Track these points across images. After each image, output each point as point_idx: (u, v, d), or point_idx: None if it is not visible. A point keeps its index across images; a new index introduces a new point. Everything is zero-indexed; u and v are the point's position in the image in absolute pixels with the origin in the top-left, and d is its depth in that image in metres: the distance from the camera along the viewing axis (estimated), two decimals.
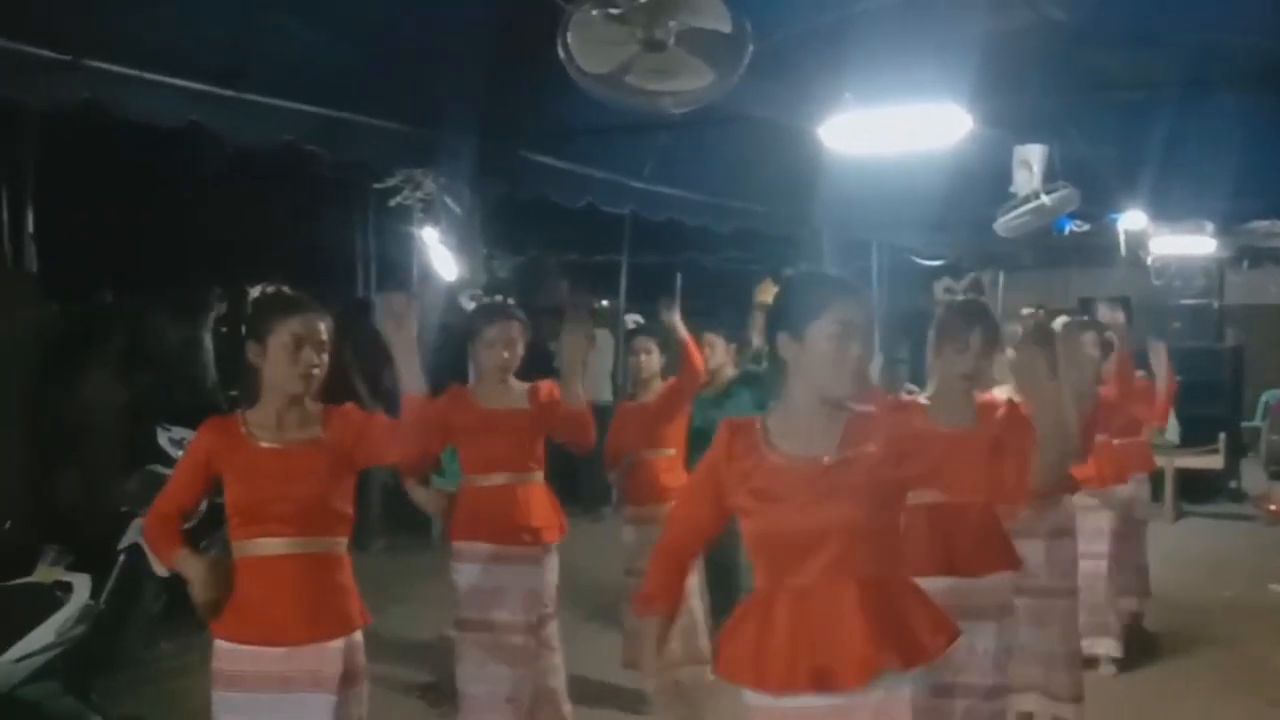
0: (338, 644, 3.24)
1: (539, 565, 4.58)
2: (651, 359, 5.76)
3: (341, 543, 3.35)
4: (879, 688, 2.55)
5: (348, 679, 3.25)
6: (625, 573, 5.67)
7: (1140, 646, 6.36)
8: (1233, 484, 11.62)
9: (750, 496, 2.66)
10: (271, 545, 3.22)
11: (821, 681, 2.55)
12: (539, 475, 4.68)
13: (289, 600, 3.20)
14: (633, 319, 4.99)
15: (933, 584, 3.43)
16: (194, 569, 3.22)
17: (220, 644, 3.26)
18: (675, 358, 5.60)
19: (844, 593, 2.57)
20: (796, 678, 2.56)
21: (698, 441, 5.40)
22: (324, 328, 3.31)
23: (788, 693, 2.58)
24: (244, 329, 3.37)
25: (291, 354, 3.23)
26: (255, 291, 3.45)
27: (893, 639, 2.56)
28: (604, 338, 11.04)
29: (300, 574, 3.23)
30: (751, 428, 2.72)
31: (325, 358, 3.31)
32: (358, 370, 7.98)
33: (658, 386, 5.75)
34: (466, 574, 4.55)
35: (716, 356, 6.03)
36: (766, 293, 7.53)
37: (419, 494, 4.78)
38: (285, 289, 3.40)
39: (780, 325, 2.67)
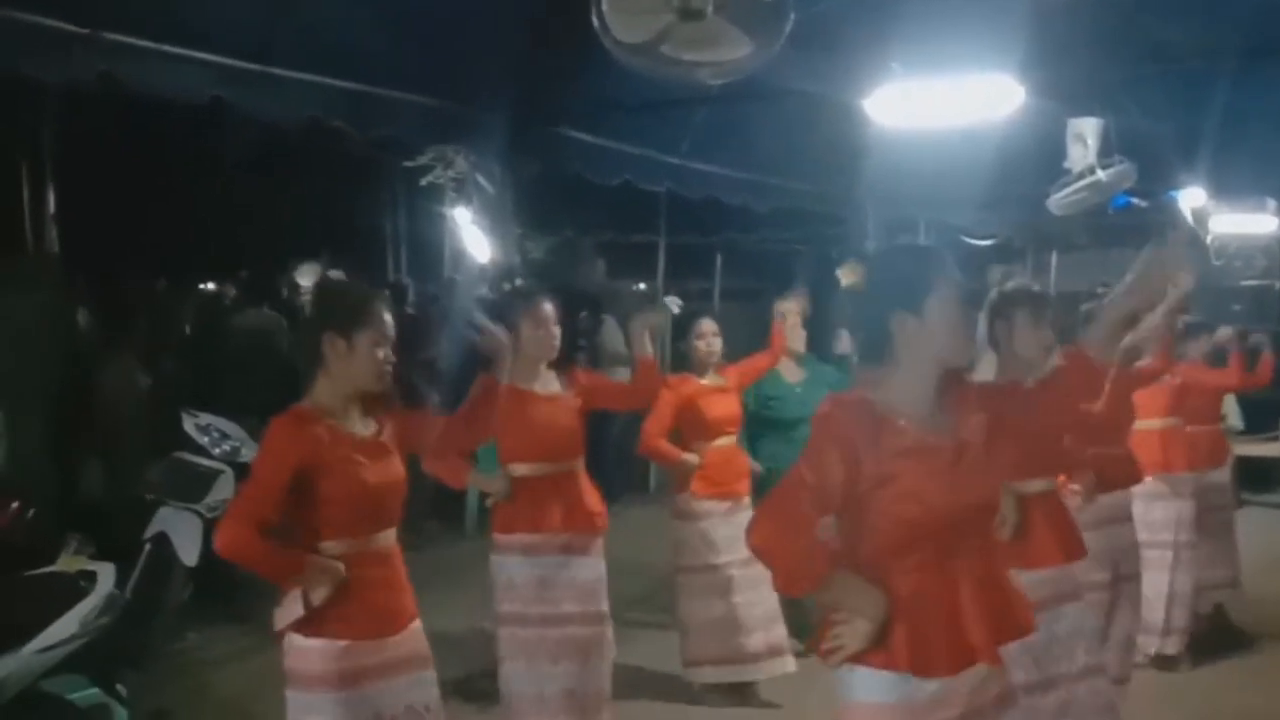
0: (419, 622, 3.36)
1: (597, 554, 4.49)
2: (718, 341, 5.57)
3: None
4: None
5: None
6: (677, 570, 5.56)
7: (1206, 639, 6.12)
8: None
9: (918, 477, 2.53)
10: (379, 538, 3.23)
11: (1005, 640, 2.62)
12: (582, 461, 4.55)
13: (401, 585, 3.29)
14: (674, 302, 4.83)
15: (1044, 574, 3.66)
16: (334, 574, 3.11)
17: (327, 644, 3.12)
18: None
19: (992, 560, 2.67)
20: (981, 648, 2.56)
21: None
22: (392, 322, 3.29)
23: (968, 667, 2.56)
24: (318, 318, 3.25)
25: (376, 353, 3.19)
26: (308, 277, 3.36)
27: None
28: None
29: (394, 560, 3.29)
30: (872, 407, 2.59)
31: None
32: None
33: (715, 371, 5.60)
34: (524, 567, 4.40)
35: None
36: (852, 274, 7.34)
37: (481, 480, 4.65)
38: (354, 278, 3.36)
39: (891, 303, 2.61)
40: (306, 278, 6.99)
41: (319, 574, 3.10)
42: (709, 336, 5.53)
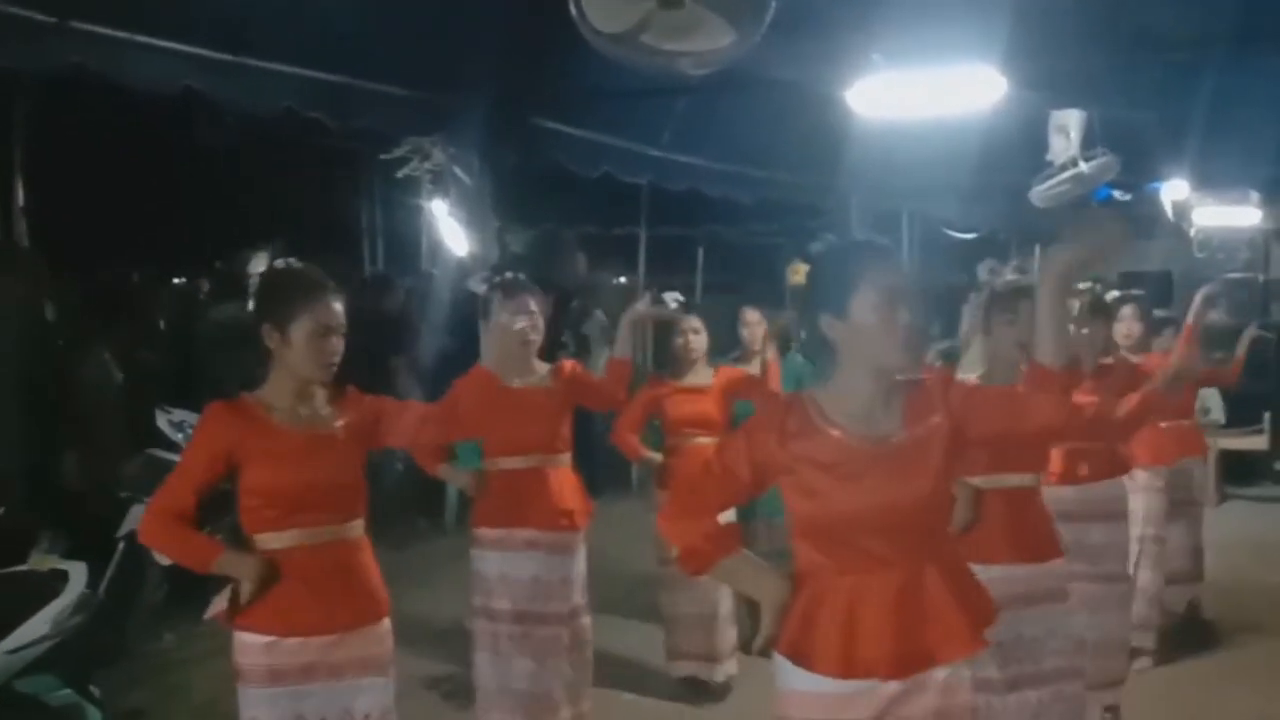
0: (385, 625, 3.23)
1: (574, 552, 4.43)
2: (701, 338, 5.49)
3: (362, 523, 3.25)
4: (945, 669, 2.50)
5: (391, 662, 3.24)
6: (660, 562, 5.48)
7: (1185, 634, 6.10)
8: (1278, 465, 11.23)
9: (817, 476, 2.49)
10: (319, 533, 3.10)
11: (908, 663, 2.46)
12: (567, 458, 4.49)
13: (337, 585, 3.12)
14: (674, 298, 4.76)
15: (1008, 571, 3.54)
16: (250, 568, 3.02)
17: (255, 639, 3.06)
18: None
19: (923, 572, 2.50)
20: (879, 661, 2.45)
21: None
22: (342, 311, 3.15)
23: (861, 678, 2.45)
24: (257, 308, 3.17)
25: (316, 343, 3.07)
26: (259, 265, 3.24)
27: (970, 617, 2.54)
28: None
29: (344, 558, 3.15)
30: (802, 405, 2.56)
31: (342, 342, 3.15)
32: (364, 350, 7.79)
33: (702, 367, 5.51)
34: (493, 562, 4.35)
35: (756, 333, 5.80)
36: (799, 273, 7.32)
37: (451, 474, 4.61)
38: (299, 265, 3.22)
39: (819, 306, 2.53)
40: (258, 267, 6.90)
41: (234, 566, 3.03)
42: (689, 334, 5.46)
